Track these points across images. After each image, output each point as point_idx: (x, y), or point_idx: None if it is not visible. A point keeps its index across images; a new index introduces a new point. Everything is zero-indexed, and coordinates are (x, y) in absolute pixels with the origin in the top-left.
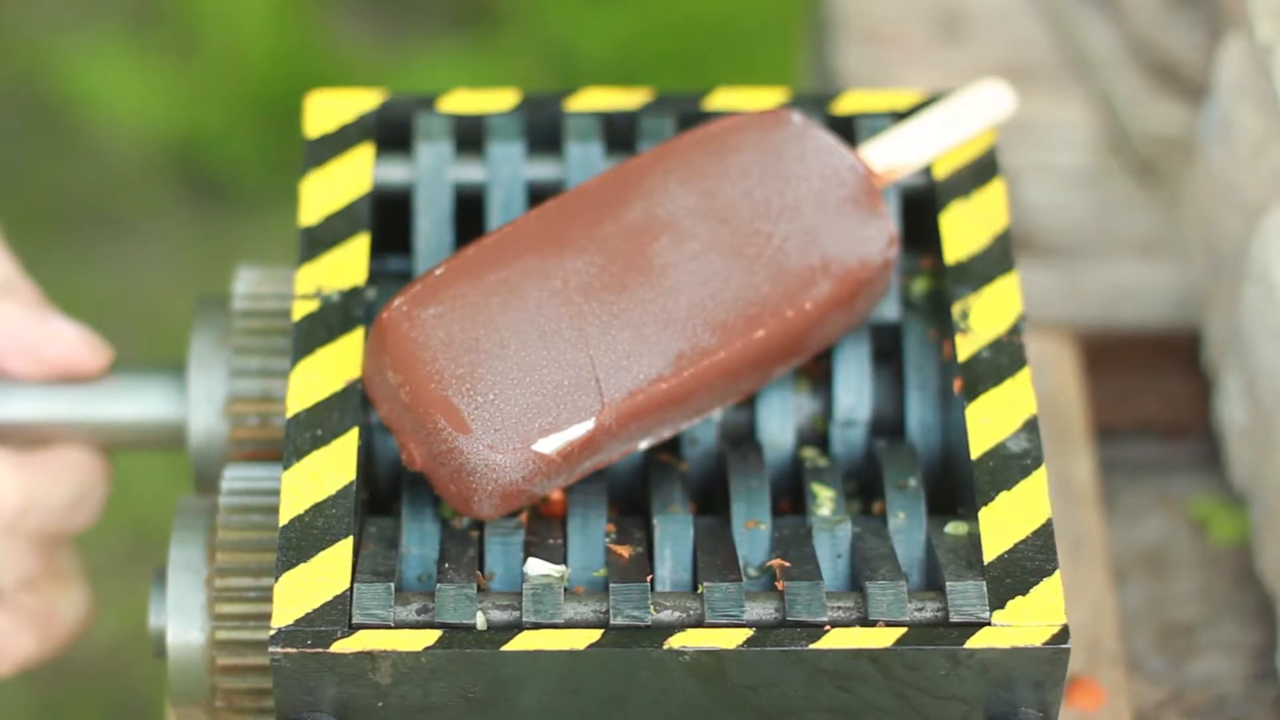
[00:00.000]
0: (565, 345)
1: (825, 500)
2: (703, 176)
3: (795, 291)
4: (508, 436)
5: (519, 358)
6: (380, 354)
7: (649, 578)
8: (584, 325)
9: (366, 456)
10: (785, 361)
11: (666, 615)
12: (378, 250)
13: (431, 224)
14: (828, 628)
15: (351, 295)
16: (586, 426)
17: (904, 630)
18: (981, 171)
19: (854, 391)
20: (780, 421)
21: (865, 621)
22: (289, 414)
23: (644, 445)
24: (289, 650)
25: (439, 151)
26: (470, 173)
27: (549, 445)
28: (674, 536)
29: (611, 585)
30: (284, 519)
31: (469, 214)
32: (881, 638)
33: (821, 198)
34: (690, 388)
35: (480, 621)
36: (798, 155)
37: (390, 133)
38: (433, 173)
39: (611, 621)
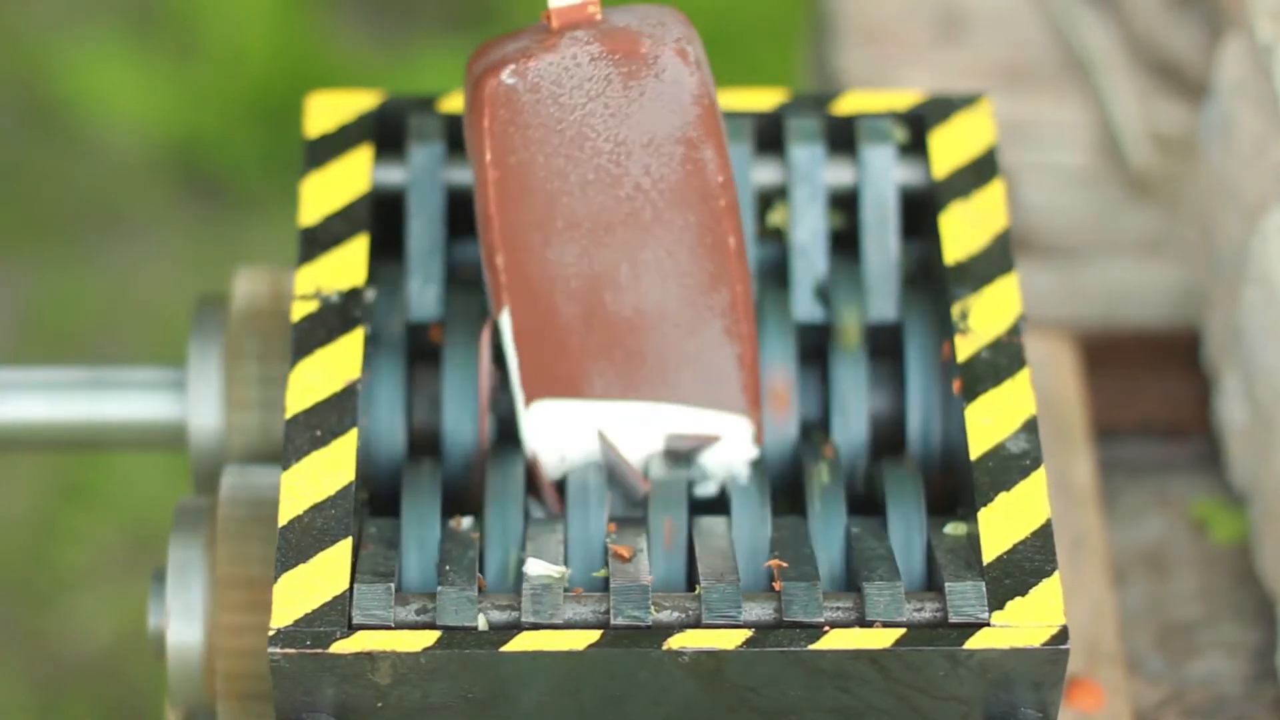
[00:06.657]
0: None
1: (824, 500)
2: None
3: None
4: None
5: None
6: None
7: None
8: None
9: (366, 457)
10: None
11: (665, 615)
12: (377, 251)
13: (424, 224)
14: (826, 628)
15: (351, 296)
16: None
17: (903, 631)
18: (981, 171)
19: (853, 391)
20: (781, 421)
21: (863, 622)
22: (288, 415)
23: None
24: (288, 651)
25: (432, 152)
26: (466, 174)
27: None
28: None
29: (613, 585)
30: (283, 519)
31: (468, 214)
32: (880, 638)
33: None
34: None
35: (482, 624)
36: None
37: (389, 134)
38: (425, 173)
39: (613, 622)
